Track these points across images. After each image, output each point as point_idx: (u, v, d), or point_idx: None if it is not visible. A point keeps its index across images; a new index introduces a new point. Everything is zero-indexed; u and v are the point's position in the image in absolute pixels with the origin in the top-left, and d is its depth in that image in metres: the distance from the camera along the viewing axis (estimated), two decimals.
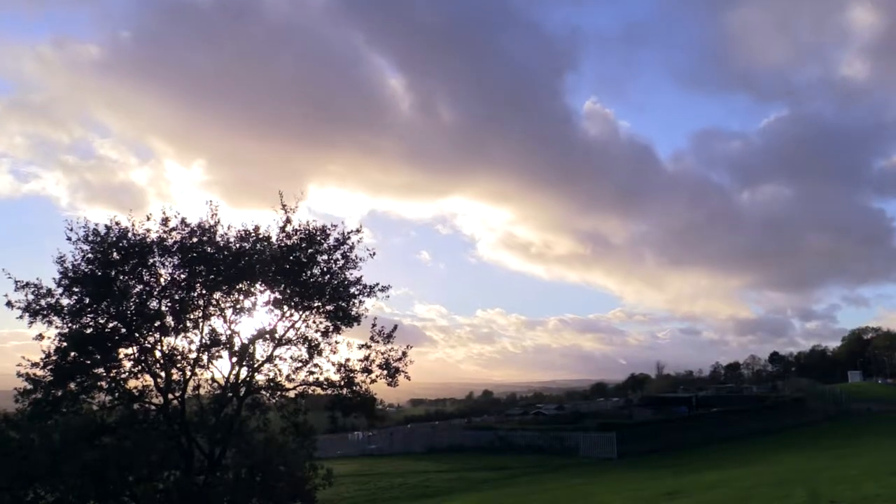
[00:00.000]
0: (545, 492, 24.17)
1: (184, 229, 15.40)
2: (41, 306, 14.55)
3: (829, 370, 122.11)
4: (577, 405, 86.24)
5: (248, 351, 15.89)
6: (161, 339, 15.42)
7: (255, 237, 16.00)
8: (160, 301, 15.38)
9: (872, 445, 29.75)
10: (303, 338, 16.36)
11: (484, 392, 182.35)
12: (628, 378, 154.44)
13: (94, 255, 14.81)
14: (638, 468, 30.84)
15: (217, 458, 15.53)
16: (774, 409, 53.17)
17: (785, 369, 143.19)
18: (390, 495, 26.31)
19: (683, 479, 21.76)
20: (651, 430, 44.32)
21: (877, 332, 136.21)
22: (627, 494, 19.36)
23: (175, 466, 15.51)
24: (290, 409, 16.59)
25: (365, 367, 16.48)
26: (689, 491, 17.66)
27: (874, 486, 14.05)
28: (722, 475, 21.47)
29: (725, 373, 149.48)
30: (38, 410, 14.17)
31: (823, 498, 13.21)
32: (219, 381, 15.95)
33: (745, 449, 35.93)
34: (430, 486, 28.00)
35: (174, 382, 15.48)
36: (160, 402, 15.40)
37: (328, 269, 16.36)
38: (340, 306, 16.33)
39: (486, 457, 39.79)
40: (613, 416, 61.86)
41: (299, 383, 16.43)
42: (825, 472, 17.89)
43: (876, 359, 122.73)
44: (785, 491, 14.98)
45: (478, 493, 25.63)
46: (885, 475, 15.80)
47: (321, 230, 16.20)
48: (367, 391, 16.56)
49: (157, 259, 15.40)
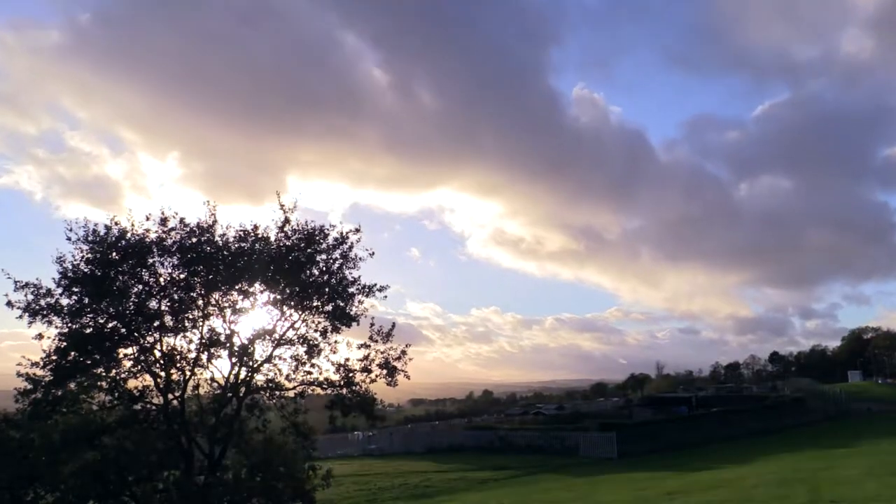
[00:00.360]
0: (545, 492, 24.15)
1: (183, 229, 15.41)
2: (41, 306, 14.56)
3: (829, 370, 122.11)
4: (577, 405, 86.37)
5: (248, 351, 15.89)
6: (160, 338, 15.43)
7: (254, 237, 16.00)
8: (159, 301, 15.40)
9: (872, 445, 29.72)
10: (302, 338, 16.36)
11: (484, 392, 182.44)
12: (628, 378, 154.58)
13: (94, 255, 14.82)
14: (638, 468, 30.81)
15: (217, 458, 15.54)
16: (774, 409, 53.12)
17: (785, 369, 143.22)
18: (390, 495, 26.30)
19: (683, 479, 21.73)
20: (651, 430, 44.31)
21: (877, 332, 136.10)
22: (627, 494, 19.33)
23: (175, 466, 15.53)
24: (289, 409, 16.60)
25: (364, 367, 16.49)
26: (689, 491, 17.64)
27: (874, 486, 14.05)
28: (722, 475, 21.45)
29: (725, 373, 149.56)
30: (38, 410, 14.18)
31: (823, 498, 13.21)
32: (218, 381, 15.96)
33: (745, 449, 35.89)
34: (430, 486, 27.98)
35: (174, 382, 15.49)
36: (160, 402, 15.40)
37: (327, 268, 16.38)
38: (339, 306, 16.34)
39: (486, 457, 39.78)
40: (613, 416, 61.79)
41: (299, 383, 16.43)
42: (825, 472, 17.87)
43: (876, 359, 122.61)
44: (785, 491, 14.97)
45: (478, 493, 25.61)
46: (885, 475, 15.80)
47: (320, 230, 16.23)
48: (366, 391, 16.59)
49: (157, 259, 15.41)
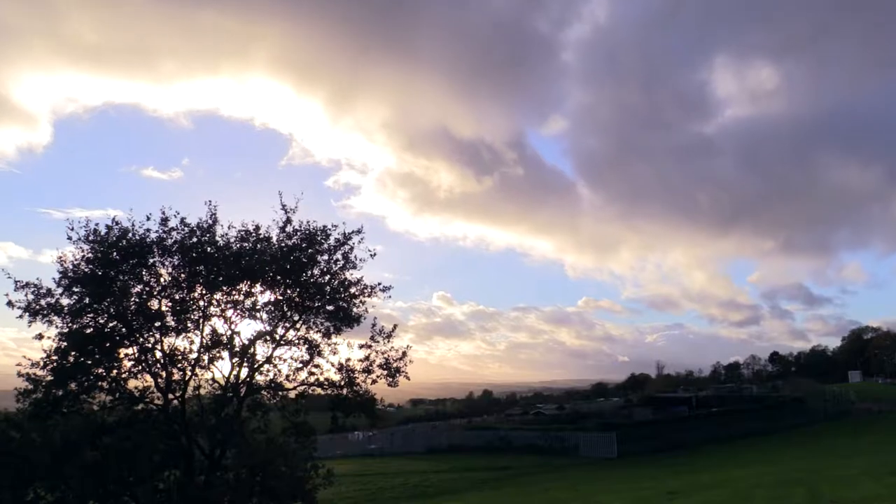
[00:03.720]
0: (545, 492, 24.17)
1: (183, 229, 15.41)
2: (41, 306, 14.55)
3: (829, 370, 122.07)
4: (577, 405, 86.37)
5: (249, 351, 15.90)
6: (161, 339, 15.42)
7: (256, 237, 16.01)
8: (160, 301, 15.39)
9: (872, 445, 29.76)
10: (303, 338, 16.37)
11: (484, 392, 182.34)
12: (628, 378, 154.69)
13: (94, 254, 14.81)
14: (638, 468, 30.84)
15: (217, 459, 15.54)
16: (774, 409, 53.18)
17: (785, 369, 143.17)
18: (390, 495, 26.32)
19: (683, 479, 21.75)
20: (651, 430, 44.35)
21: (877, 332, 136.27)
22: (627, 494, 19.35)
23: (175, 467, 15.53)
24: (290, 410, 16.61)
25: (365, 368, 16.50)
26: (689, 491, 17.67)
27: (874, 486, 14.07)
28: (722, 475, 21.46)
29: (725, 373, 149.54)
30: (39, 410, 14.19)
31: (823, 498, 13.23)
32: (219, 382, 15.96)
33: (745, 449, 35.93)
34: (430, 486, 28.00)
35: (175, 382, 15.48)
36: (161, 403, 15.40)
37: (328, 269, 16.38)
38: (341, 307, 16.35)
39: (486, 457, 39.80)
40: (613, 416, 61.81)
41: (300, 384, 16.44)
42: (825, 472, 17.89)
43: (876, 359, 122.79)
44: (785, 491, 14.99)
45: (478, 493, 25.63)
46: (885, 475, 15.82)
47: (322, 230, 16.23)
48: (366, 391, 16.59)
49: (157, 259, 15.40)
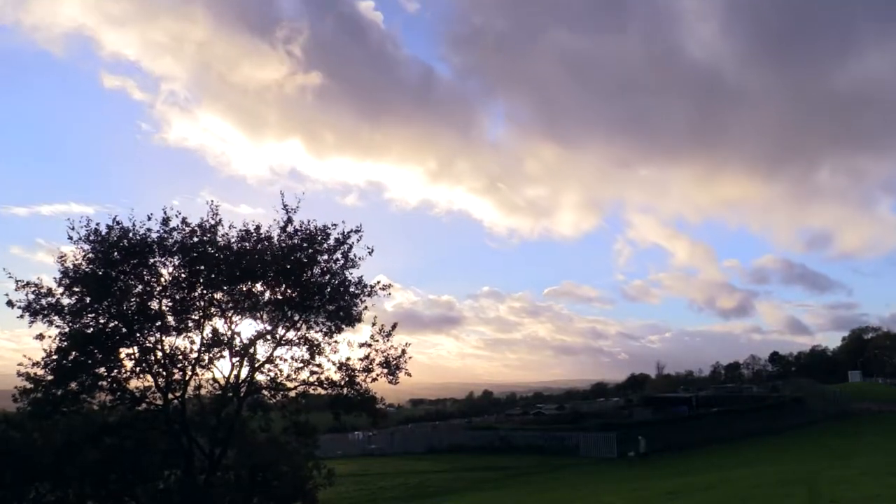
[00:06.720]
0: (545, 492, 24.17)
1: (184, 229, 15.41)
2: (42, 306, 14.55)
3: (829, 370, 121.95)
4: (577, 405, 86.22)
5: (249, 351, 15.90)
6: (162, 338, 15.43)
7: (256, 237, 16.01)
8: (161, 301, 15.39)
9: (872, 445, 29.75)
10: (303, 338, 16.36)
11: (484, 392, 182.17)
12: (628, 378, 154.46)
13: (95, 254, 14.82)
14: (638, 468, 30.84)
15: (218, 458, 15.54)
16: (774, 409, 53.10)
17: (785, 369, 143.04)
18: (390, 495, 26.31)
19: (683, 479, 21.74)
20: (651, 430, 44.29)
21: (877, 332, 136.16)
22: (627, 494, 19.34)
23: (176, 466, 15.54)
24: (291, 409, 16.61)
25: (366, 367, 16.49)
26: (689, 491, 17.66)
27: (874, 486, 14.06)
28: (722, 475, 21.45)
29: (725, 373, 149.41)
30: (39, 410, 14.17)
31: (824, 498, 13.21)
32: (220, 381, 15.96)
33: (745, 449, 35.91)
34: (430, 486, 28.00)
35: (175, 382, 15.49)
36: (161, 403, 15.39)
37: (328, 269, 16.37)
38: (341, 306, 16.34)
39: (487, 457, 39.78)
40: (613, 416, 61.74)
41: (300, 383, 16.44)
42: (825, 472, 17.87)
43: (876, 359, 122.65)
44: (785, 491, 14.97)
45: (478, 493, 25.63)
46: (885, 475, 15.82)
47: (322, 230, 16.22)
48: (367, 390, 16.58)
49: (158, 259, 15.40)
